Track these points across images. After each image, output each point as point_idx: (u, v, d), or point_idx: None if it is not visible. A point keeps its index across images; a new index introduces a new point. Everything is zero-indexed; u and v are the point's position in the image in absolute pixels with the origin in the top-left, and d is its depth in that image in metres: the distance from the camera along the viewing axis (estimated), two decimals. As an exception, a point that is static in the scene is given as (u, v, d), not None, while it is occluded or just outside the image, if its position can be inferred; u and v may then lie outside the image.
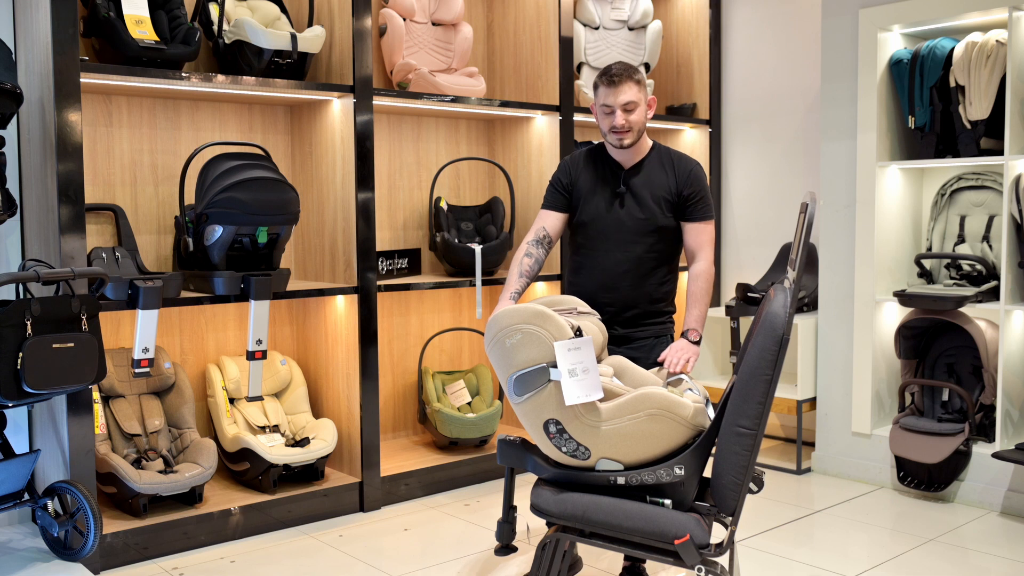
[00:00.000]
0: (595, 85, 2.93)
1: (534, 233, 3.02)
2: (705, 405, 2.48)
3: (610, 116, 2.88)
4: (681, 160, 3.00)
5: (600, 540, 2.40)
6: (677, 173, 2.97)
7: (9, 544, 3.41)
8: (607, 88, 2.87)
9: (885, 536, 3.63)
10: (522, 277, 2.94)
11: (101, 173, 3.76)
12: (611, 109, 2.87)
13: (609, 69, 2.89)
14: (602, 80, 2.89)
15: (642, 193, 2.95)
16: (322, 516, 3.83)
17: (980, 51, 3.91)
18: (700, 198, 2.96)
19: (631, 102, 2.86)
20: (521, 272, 2.95)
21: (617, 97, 2.86)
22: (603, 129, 2.93)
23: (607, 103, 2.87)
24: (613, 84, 2.86)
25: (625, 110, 2.86)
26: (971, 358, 4.11)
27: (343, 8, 3.85)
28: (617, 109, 2.86)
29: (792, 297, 2.24)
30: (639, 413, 2.35)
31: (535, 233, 3.02)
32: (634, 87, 2.87)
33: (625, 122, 2.87)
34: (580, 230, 3.04)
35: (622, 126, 2.87)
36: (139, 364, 3.31)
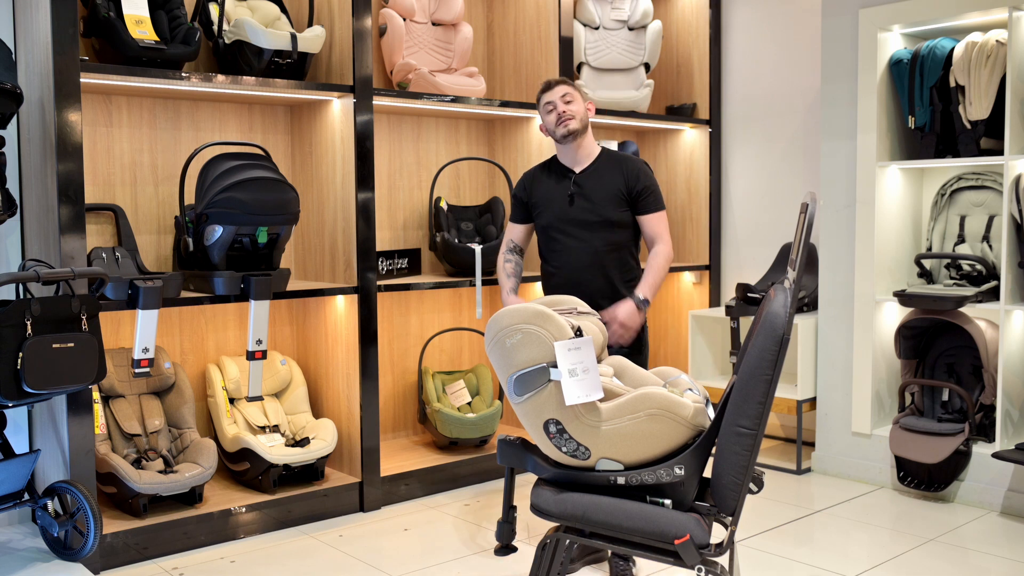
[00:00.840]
0: (538, 99, 3.36)
1: (505, 245, 3.49)
2: (705, 405, 2.48)
3: (553, 112, 3.29)
4: (628, 161, 3.35)
5: (600, 540, 2.40)
6: (626, 173, 3.31)
7: (9, 544, 3.41)
8: (546, 92, 3.32)
9: (885, 536, 3.63)
10: (511, 277, 3.43)
11: (101, 173, 3.76)
12: (552, 105, 3.29)
13: (547, 81, 3.37)
14: (541, 89, 3.35)
15: (592, 191, 3.30)
16: (322, 516, 3.83)
17: (980, 51, 3.91)
18: (650, 192, 3.32)
19: (567, 93, 3.29)
20: (509, 273, 3.44)
21: (555, 94, 3.30)
22: (550, 127, 3.32)
23: (548, 102, 3.30)
24: (550, 87, 3.32)
25: (564, 101, 3.28)
26: (971, 358, 4.11)
27: (343, 8, 3.85)
28: (557, 101, 3.27)
29: (792, 297, 2.24)
30: (639, 413, 2.35)
31: (506, 244, 3.49)
32: (568, 87, 3.31)
33: (566, 109, 3.27)
34: (542, 234, 3.40)
35: (564, 112, 3.27)
36: (139, 364, 3.31)
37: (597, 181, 3.31)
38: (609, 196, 3.29)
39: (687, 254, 5.43)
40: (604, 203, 3.29)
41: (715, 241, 5.34)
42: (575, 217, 3.31)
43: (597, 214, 3.29)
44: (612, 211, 3.29)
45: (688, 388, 2.54)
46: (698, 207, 5.36)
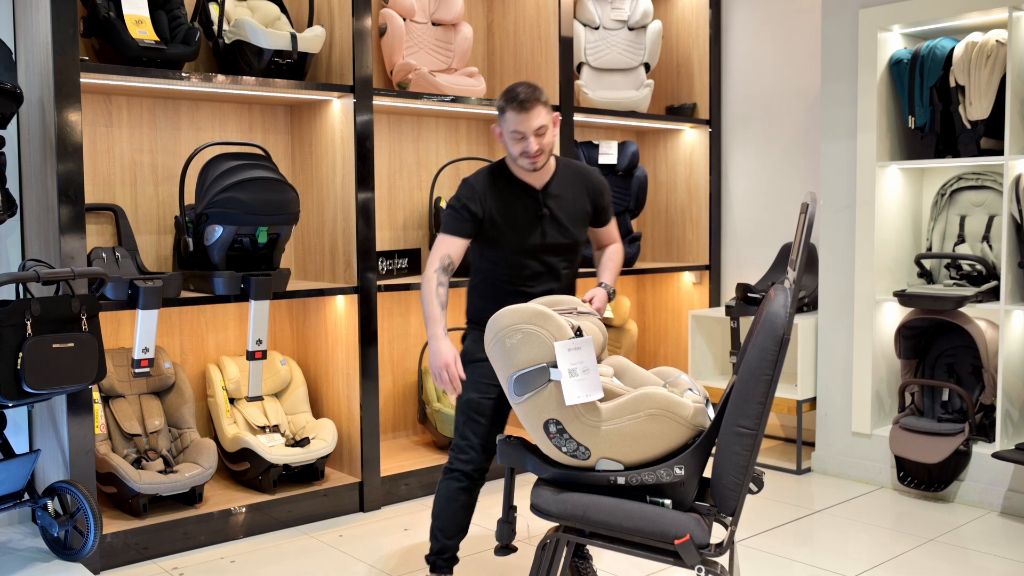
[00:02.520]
0: (500, 109, 2.82)
1: (439, 261, 2.83)
2: (705, 405, 2.48)
3: (522, 141, 2.79)
4: (589, 175, 3.01)
5: (600, 540, 2.40)
6: (590, 189, 2.99)
7: (9, 544, 3.41)
8: (517, 114, 2.76)
9: (885, 536, 3.63)
10: (443, 309, 2.81)
11: (101, 173, 3.76)
12: (523, 135, 2.77)
13: (516, 94, 2.78)
14: (511, 105, 2.78)
15: (561, 213, 2.92)
16: (322, 516, 3.83)
17: (980, 51, 3.91)
18: (609, 204, 3.07)
19: (543, 126, 2.78)
20: (442, 304, 2.81)
21: (530, 123, 2.76)
22: (512, 153, 2.83)
23: (518, 129, 2.77)
24: (524, 109, 2.76)
25: (537, 135, 2.78)
26: (971, 358, 4.11)
27: (343, 8, 3.85)
28: (530, 135, 2.77)
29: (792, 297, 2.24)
30: (639, 413, 2.35)
31: (440, 261, 2.83)
32: (543, 110, 2.79)
33: (539, 147, 2.79)
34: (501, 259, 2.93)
35: (536, 151, 2.79)
36: (139, 364, 3.32)
37: (564, 201, 2.94)
38: (578, 216, 2.97)
39: (687, 254, 5.43)
40: (574, 225, 2.96)
41: (715, 241, 5.34)
42: (548, 243, 2.92)
43: (568, 237, 2.95)
44: (580, 231, 2.98)
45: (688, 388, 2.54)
46: (698, 207, 5.36)
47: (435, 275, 2.83)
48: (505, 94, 2.82)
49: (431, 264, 2.85)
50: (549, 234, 2.91)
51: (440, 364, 2.68)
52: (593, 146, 4.94)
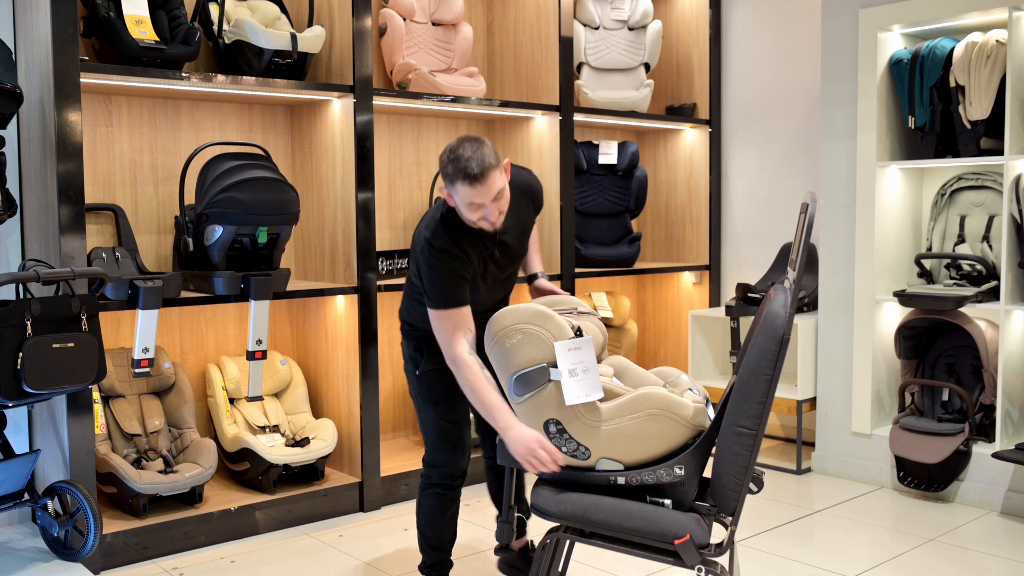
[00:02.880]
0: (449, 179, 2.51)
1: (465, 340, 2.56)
2: (705, 405, 2.48)
3: (481, 209, 2.54)
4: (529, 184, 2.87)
5: (600, 540, 2.40)
6: (532, 198, 2.87)
7: (9, 544, 3.40)
8: (472, 187, 2.48)
9: (885, 536, 3.63)
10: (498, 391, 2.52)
11: (101, 173, 3.76)
12: (481, 204, 2.52)
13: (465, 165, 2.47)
14: (462, 178, 2.48)
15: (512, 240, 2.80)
16: (322, 516, 3.83)
17: (980, 51, 3.91)
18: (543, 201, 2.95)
19: (502, 189, 2.54)
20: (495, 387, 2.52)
21: (487, 193, 2.50)
22: (468, 219, 2.57)
23: (473, 201, 2.51)
24: (478, 181, 2.48)
25: (495, 200, 2.54)
26: (971, 358, 4.11)
27: (343, 8, 3.85)
28: (488, 203, 2.52)
29: (792, 297, 2.24)
30: (639, 413, 2.35)
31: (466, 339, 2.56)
32: (497, 172, 2.51)
33: (498, 211, 2.56)
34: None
35: (495, 219, 2.56)
36: (139, 364, 3.32)
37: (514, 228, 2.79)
38: (525, 232, 2.85)
39: (687, 254, 5.43)
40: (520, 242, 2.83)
41: (715, 241, 5.34)
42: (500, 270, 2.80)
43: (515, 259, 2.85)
44: (524, 246, 2.87)
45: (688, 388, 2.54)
46: (698, 207, 5.36)
47: (472, 358, 2.53)
48: (452, 162, 2.51)
49: (458, 347, 2.54)
50: (502, 263, 2.79)
51: (530, 448, 2.38)
52: (593, 146, 4.94)
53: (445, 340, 2.57)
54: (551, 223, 4.56)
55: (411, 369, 2.92)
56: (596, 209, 4.94)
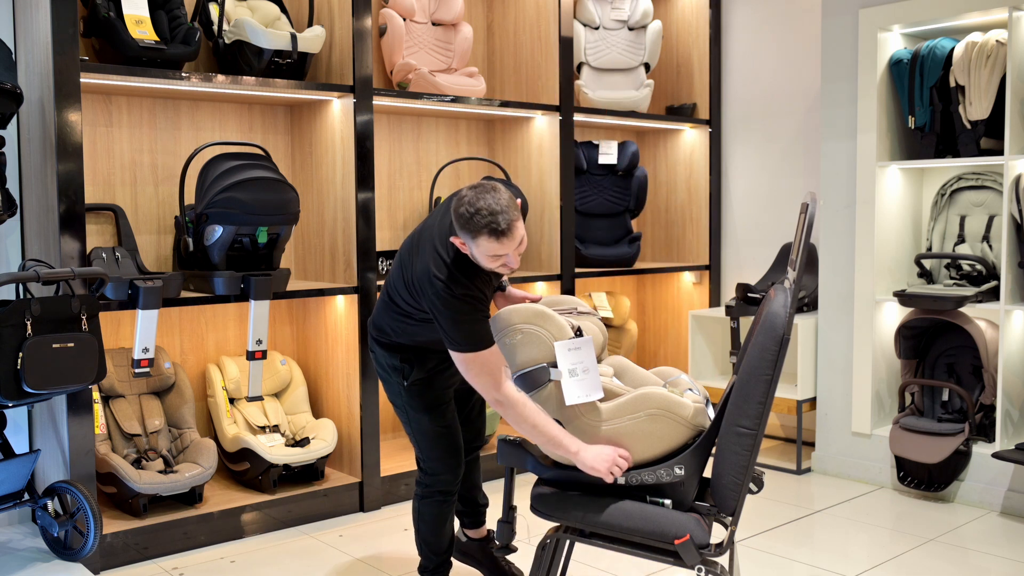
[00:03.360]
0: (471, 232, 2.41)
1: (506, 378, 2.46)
2: (705, 405, 2.48)
3: (502, 258, 2.47)
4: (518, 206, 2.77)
5: (600, 540, 2.40)
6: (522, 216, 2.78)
7: (9, 544, 3.40)
8: (499, 242, 2.41)
9: (885, 536, 3.63)
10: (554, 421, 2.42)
11: (101, 173, 3.76)
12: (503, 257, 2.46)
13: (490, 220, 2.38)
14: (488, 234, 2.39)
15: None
16: (322, 516, 3.83)
17: (980, 51, 3.91)
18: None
19: (523, 238, 2.48)
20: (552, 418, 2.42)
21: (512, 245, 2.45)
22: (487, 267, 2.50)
23: (497, 253, 2.44)
24: (506, 236, 2.40)
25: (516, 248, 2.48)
26: (971, 358, 4.11)
27: (343, 8, 3.85)
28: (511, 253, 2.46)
29: (792, 297, 2.24)
30: (639, 413, 2.35)
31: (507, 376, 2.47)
32: (519, 222, 2.45)
33: (517, 258, 2.50)
34: None
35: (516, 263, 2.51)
36: (139, 364, 3.32)
37: None
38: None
39: (687, 254, 5.44)
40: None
41: (715, 241, 5.34)
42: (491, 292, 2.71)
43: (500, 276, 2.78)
44: None
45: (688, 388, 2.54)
46: (698, 207, 5.36)
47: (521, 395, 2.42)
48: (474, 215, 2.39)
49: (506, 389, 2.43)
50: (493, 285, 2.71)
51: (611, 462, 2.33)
52: (593, 146, 4.94)
53: (488, 383, 2.46)
54: (551, 223, 4.56)
55: (395, 380, 2.83)
56: (596, 209, 4.94)
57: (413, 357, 2.80)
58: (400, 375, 2.82)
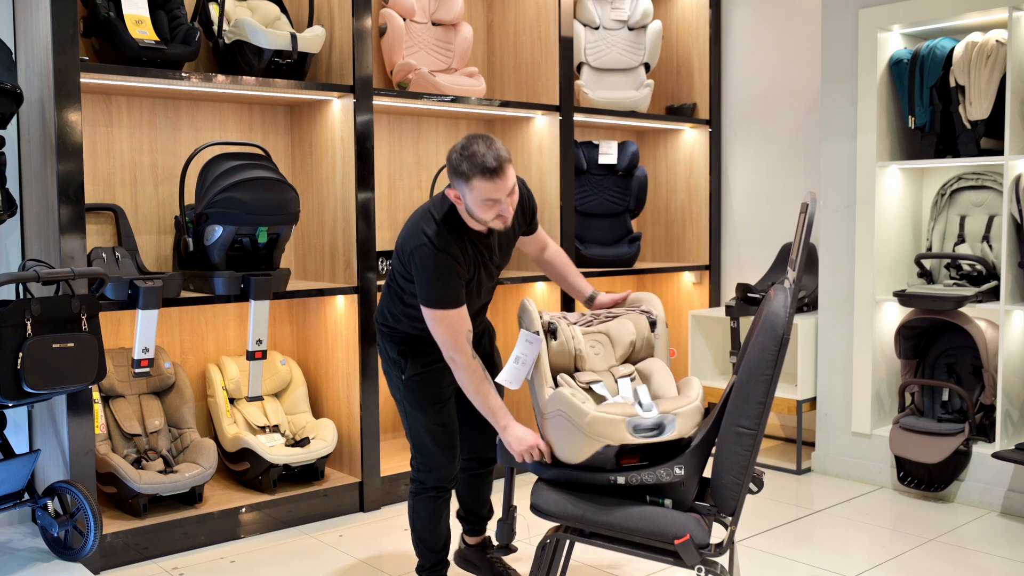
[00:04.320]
0: (463, 175, 2.51)
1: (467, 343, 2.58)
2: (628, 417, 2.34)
3: (496, 205, 2.54)
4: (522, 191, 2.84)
5: (600, 540, 2.41)
6: (524, 206, 2.85)
7: (9, 544, 3.41)
8: (491, 182, 2.49)
9: (885, 536, 3.63)
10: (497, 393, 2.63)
11: (101, 173, 3.76)
12: (496, 202, 2.53)
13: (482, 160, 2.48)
14: (480, 173, 2.48)
15: (502, 245, 2.82)
16: (322, 516, 3.83)
17: (980, 51, 3.92)
18: (535, 208, 2.94)
19: (514, 187, 2.56)
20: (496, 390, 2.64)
21: (504, 186, 2.52)
22: (483, 219, 2.57)
23: (491, 197, 2.51)
24: (497, 175, 2.48)
25: (510, 195, 2.56)
26: (971, 358, 4.11)
27: (343, 8, 3.85)
28: (504, 198, 2.53)
29: (792, 297, 2.24)
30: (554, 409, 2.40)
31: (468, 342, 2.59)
32: (511, 166, 2.54)
33: (512, 208, 2.58)
34: None
35: (511, 215, 2.59)
36: (139, 364, 3.32)
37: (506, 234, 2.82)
38: (513, 238, 2.86)
39: (687, 254, 5.44)
40: (509, 248, 2.86)
41: (715, 241, 5.34)
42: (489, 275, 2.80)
43: (504, 262, 2.86)
44: (509, 257, 2.88)
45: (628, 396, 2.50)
46: (698, 207, 5.36)
47: (477, 362, 2.59)
48: (466, 159, 2.51)
49: (461, 350, 2.57)
50: (491, 269, 2.80)
51: (527, 449, 2.49)
52: (593, 146, 4.94)
53: (447, 341, 2.58)
54: (551, 223, 4.56)
55: (395, 373, 2.85)
56: (596, 209, 4.94)
57: (409, 350, 2.81)
58: (398, 368, 2.84)
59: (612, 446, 2.32)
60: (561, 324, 2.67)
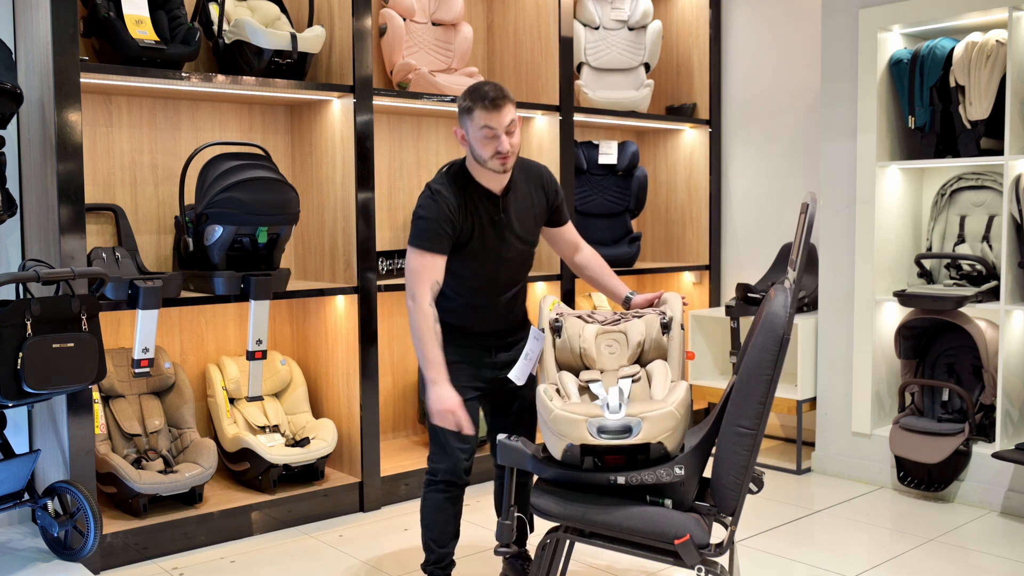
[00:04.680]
0: (467, 108, 2.71)
1: (429, 290, 2.68)
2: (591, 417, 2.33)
3: (494, 140, 2.68)
4: (541, 172, 2.94)
5: (600, 540, 2.41)
6: (545, 187, 2.92)
7: (9, 544, 3.41)
8: (488, 111, 2.67)
9: (885, 536, 3.63)
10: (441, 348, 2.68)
11: (101, 173, 3.76)
12: (495, 132, 2.67)
13: (484, 92, 2.69)
14: (480, 103, 2.68)
15: (520, 218, 2.85)
16: (322, 516, 3.83)
17: (980, 51, 3.92)
18: (563, 201, 3.00)
19: (513, 121, 2.71)
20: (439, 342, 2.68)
21: (501, 119, 2.68)
22: (483, 155, 2.71)
23: (490, 125, 2.67)
24: (496, 106, 2.67)
25: (508, 132, 2.70)
26: (971, 358, 4.11)
27: (343, 8, 3.85)
28: (501, 132, 2.68)
29: (792, 297, 2.24)
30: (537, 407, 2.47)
31: (430, 290, 2.68)
32: (512, 108, 2.72)
33: (510, 145, 2.71)
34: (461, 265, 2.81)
35: (508, 150, 2.70)
36: (139, 364, 3.32)
37: (521, 202, 2.86)
38: (534, 216, 2.90)
39: (687, 254, 5.44)
40: (530, 226, 2.89)
41: (715, 241, 5.34)
42: (507, 246, 2.83)
43: (525, 240, 2.87)
44: (535, 233, 2.92)
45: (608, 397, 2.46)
46: (698, 207, 5.36)
47: (431, 309, 2.67)
48: (470, 93, 2.71)
49: (421, 295, 2.67)
50: (509, 239, 2.83)
51: (445, 410, 2.59)
52: (593, 146, 4.94)
53: (411, 282, 2.70)
54: (551, 223, 4.56)
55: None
56: (596, 209, 4.94)
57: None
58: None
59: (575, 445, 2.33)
60: (569, 321, 2.67)
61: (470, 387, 2.85)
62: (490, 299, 2.86)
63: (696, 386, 4.84)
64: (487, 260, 2.81)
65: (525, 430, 2.98)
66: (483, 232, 2.78)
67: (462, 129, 2.76)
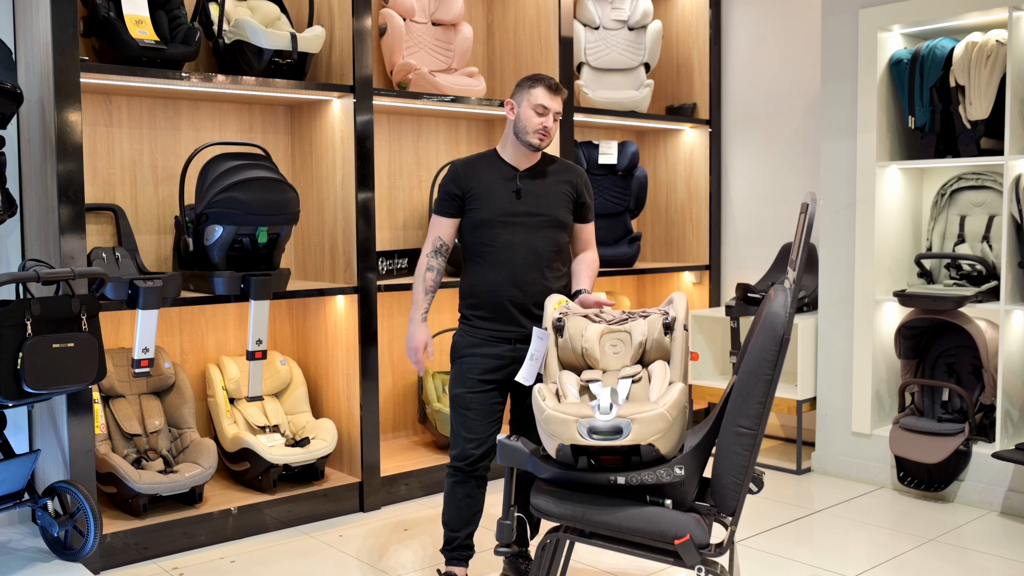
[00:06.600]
0: (529, 85, 2.99)
1: (431, 244, 3.04)
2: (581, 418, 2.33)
3: (543, 117, 2.96)
4: (577, 171, 3.13)
5: (600, 540, 2.41)
6: (576, 179, 3.11)
7: (9, 544, 3.41)
8: (549, 93, 2.98)
9: (885, 536, 3.63)
10: (428, 294, 3.03)
11: (101, 173, 3.76)
12: (546, 111, 2.96)
13: (549, 78, 3.02)
14: (543, 83, 2.98)
15: (539, 189, 3.03)
16: (322, 516, 3.83)
17: (980, 51, 3.92)
18: (591, 201, 3.17)
19: (559, 112, 3.01)
20: (426, 289, 3.03)
21: (556, 103, 2.99)
22: (528, 127, 2.96)
23: (545, 104, 2.96)
24: (557, 91, 2.99)
25: (555, 118, 2.99)
26: (971, 358, 4.11)
27: (343, 8, 3.85)
28: (551, 113, 2.97)
29: (792, 297, 2.24)
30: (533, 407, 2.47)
31: (432, 244, 3.04)
32: (562, 102, 3.03)
33: (552, 127, 2.99)
34: (479, 230, 3.00)
35: (550, 130, 2.98)
36: (139, 364, 3.31)
37: (545, 180, 3.05)
38: (558, 196, 3.05)
39: (687, 254, 5.44)
40: (553, 202, 3.04)
41: (715, 241, 5.34)
42: (522, 211, 2.99)
43: (545, 212, 3.01)
44: (560, 211, 3.04)
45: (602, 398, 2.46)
46: (698, 207, 5.36)
47: (426, 259, 3.04)
48: (534, 76, 3.02)
49: (425, 248, 3.05)
50: (525, 204, 2.99)
51: (412, 347, 3.00)
52: (593, 146, 4.94)
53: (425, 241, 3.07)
54: (551, 223, 4.56)
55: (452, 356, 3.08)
56: (596, 209, 4.94)
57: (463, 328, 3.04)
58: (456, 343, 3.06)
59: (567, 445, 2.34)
60: (572, 320, 2.67)
61: (485, 380, 2.94)
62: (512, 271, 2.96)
63: (696, 386, 4.84)
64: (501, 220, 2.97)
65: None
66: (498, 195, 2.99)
67: (514, 101, 3.01)
